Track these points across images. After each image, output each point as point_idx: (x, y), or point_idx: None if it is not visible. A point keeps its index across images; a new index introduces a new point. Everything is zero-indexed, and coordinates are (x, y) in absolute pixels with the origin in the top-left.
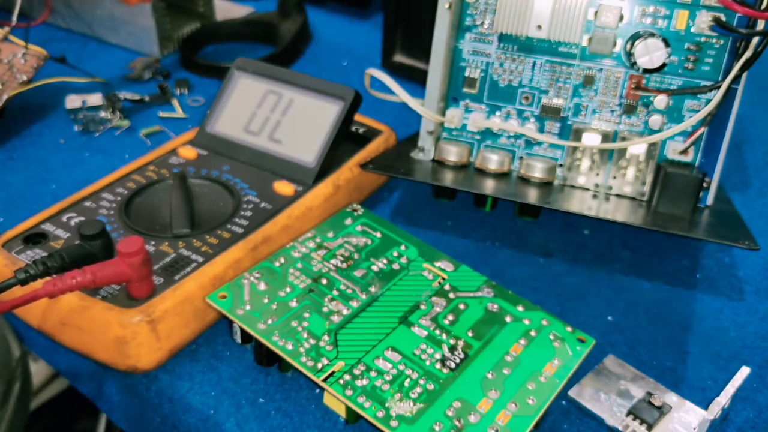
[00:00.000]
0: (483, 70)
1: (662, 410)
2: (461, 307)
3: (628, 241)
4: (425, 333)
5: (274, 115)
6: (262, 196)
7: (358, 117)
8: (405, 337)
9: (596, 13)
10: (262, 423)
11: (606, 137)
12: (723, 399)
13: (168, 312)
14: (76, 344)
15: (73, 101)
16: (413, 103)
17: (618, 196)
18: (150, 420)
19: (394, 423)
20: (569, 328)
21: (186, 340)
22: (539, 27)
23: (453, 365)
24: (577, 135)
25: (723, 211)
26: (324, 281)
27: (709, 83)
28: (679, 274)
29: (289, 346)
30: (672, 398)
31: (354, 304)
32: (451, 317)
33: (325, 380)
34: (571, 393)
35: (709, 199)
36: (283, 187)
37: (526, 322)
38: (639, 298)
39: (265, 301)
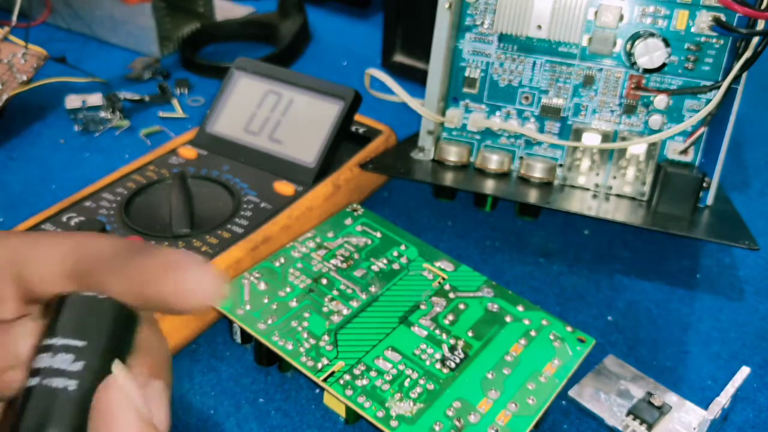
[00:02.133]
0: (483, 70)
1: (662, 410)
2: (461, 307)
3: (628, 241)
4: (425, 333)
5: (274, 115)
6: (262, 196)
7: (358, 117)
8: (405, 337)
9: (596, 13)
10: (262, 423)
11: (606, 137)
12: (723, 399)
13: None
14: None
15: (72, 101)
16: (413, 103)
17: (618, 196)
18: None
19: (394, 423)
20: (569, 328)
21: (186, 340)
22: (539, 27)
23: (453, 365)
24: (577, 135)
25: (723, 211)
26: (324, 281)
27: (709, 83)
28: (679, 274)
29: (289, 346)
30: (672, 398)
31: (354, 304)
32: (451, 317)
33: (325, 380)
34: (571, 393)
35: (709, 199)
36: (283, 187)
37: (526, 322)
38: (639, 298)
39: (265, 301)
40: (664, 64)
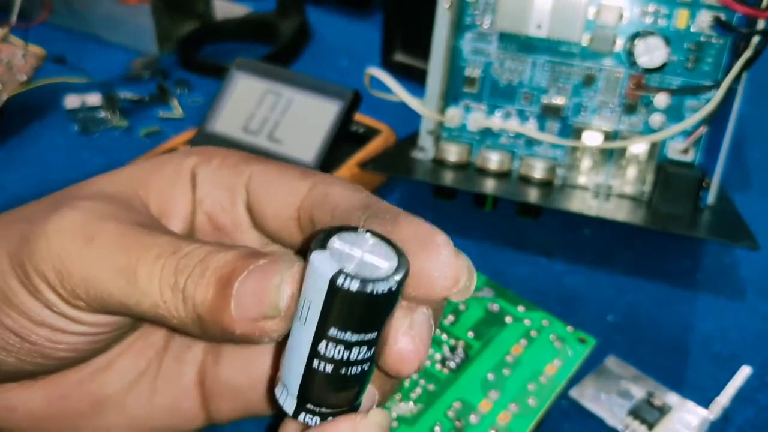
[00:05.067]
0: (483, 69)
1: (663, 410)
2: (461, 307)
3: (629, 240)
4: None
5: (274, 114)
6: None
7: (357, 116)
8: None
9: (596, 12)
10: (261, 422)
11: (606, 137)
12: (724, 399)
13: None
14: None
15: (72, 101)
16: (413, 102)
17: (619, 195)
18: None
19: (394, 424)
20: (570, 329)
21: None
22: (539, 26)
23: (453, 366)
24: (578, 134)
25: (724, 210)
26: None
27: (709, 83)
28: (680, 274)
29: None
30: (673, 398)
31: None
32: (451, 317)
33: None
34: (572, 393)
35: (710, 199)
36: None
37: (527, 322)
38: (640, 298)
39: None
40: (664, 64)
